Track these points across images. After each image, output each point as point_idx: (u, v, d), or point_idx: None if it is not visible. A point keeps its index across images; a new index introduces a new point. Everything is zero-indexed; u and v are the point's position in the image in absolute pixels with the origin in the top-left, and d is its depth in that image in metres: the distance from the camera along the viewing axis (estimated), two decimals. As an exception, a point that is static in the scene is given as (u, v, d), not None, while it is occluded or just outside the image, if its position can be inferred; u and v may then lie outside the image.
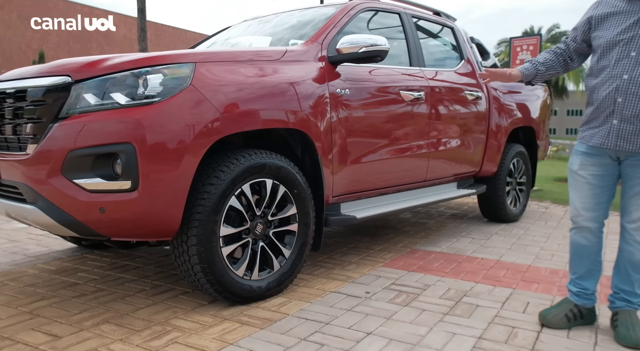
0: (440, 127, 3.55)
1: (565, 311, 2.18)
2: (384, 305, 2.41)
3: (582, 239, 2.20)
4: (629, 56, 1.98)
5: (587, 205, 2.16)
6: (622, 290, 2.12)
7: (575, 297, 2.21)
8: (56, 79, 2.10)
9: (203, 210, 2.15)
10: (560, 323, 2.16)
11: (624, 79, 1.99)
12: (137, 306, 2.35)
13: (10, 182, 2.16)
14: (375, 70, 3.06)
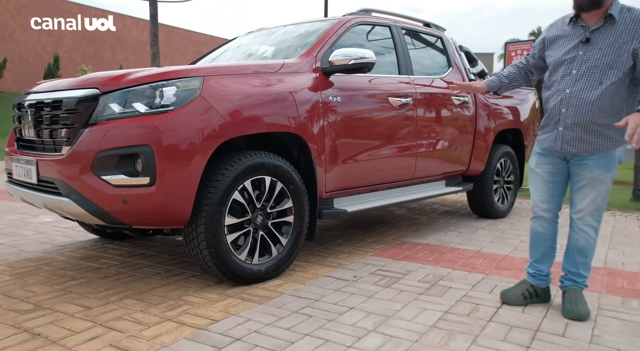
0: (427, 129, 3.89)
1: (522, 291, 2.51)
2: (368, 286, 2.76)
3: (539, 227, 2.53)
4: (571, 74, 2.31)
5: (542, 198, 2.50)
6: (569, 271, 2.44)
7: (532, 278, 2.54)
8: (87, 91, 2.48)
9: (210, 202, 2.51)
10: (517, 300, 2.49)
11: (566, 93, 2.32)
12: (153, 285, 2.72)
13: (47, 178, 2.55)
14: (365, 79, 3.40)
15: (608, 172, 2.33)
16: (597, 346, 2.03)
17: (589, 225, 2.38)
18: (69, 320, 2.23)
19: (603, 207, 2.38)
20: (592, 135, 2.30)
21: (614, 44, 2.22)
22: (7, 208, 5.19)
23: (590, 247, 2.40)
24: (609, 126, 2.27)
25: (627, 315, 2.38)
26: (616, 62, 2.21)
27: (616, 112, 2.27)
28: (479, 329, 2.19)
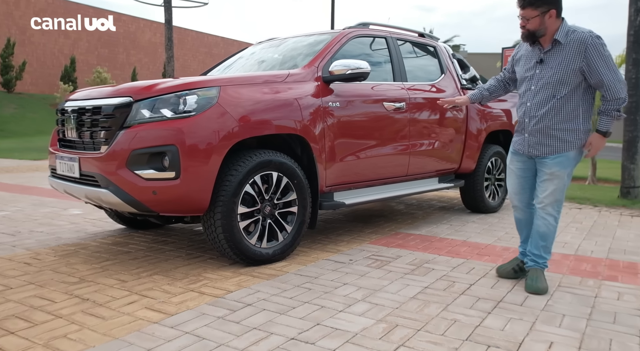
0: (419, 131, 4.30)
1: (513, 266, 2.96)
2: (361, 268, 3.18)
3: (518, 214, 2.99)
4: (531, 89, 2.75)
5: (514, 190, 2.94)
6: (532, 253, 2.84)
7: (521, 256, 2.98)
8: (122, 99, 2.93)
9: (225, 193, 2.95)
10: (508, 274, 2.95)
11: (527, 106, 2.77)
12: (177, 265, 3.17)
13: (88, 173, 3.00)
14: (361, 86, 3.82)
15: (564, 169, 2.73)
16: (547, 312, 2.44)
17: (549, 214, 2.78)
18: (109, 289, 2.68)
19: (561, 199, 2.78)
20: (550, 139, 2.72)
21: (562, 63, 2.63)
22: (38, 202, 5.69)
23: (550, 233, 2.80)
24: (564, 130, 2.68)
25: (581, 291, 2.78)
26: (565, 78, 2.63)
27: (570, 119, 2.68)
28: (451, 300, 2.61)
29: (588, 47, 2.55)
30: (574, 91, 2.64)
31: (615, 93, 2.57)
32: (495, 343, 2.08)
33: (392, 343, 2.06)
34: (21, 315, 2.31)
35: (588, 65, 2.57)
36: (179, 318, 2.29)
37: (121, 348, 1.98)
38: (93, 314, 2.34)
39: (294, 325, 2.24)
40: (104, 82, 27.06)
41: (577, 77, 2.61)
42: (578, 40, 2.58)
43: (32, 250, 3.51)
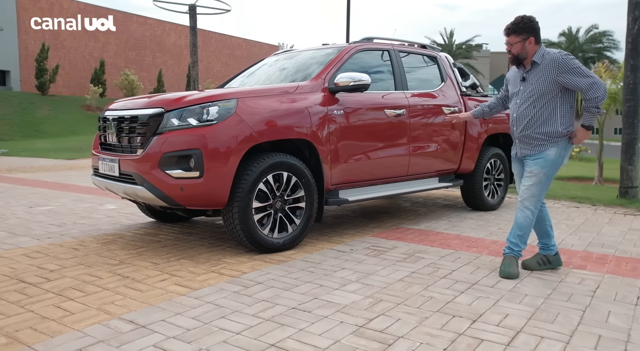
0: (419, 135, 4.72)
1: (537, 259, 3.36)
2: (360, 256, 3.64)
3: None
4: (516, 103, 3.25)
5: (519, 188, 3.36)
6: (510, 241, 3.25)
7: (541, 250, 3.38)
8: (155, 110, 3.46)
9: (242, 190, 3.45)
10: (533, 266, 3.33)
11: (514, 116, 3.26)
12: (200, 252, 3.69)
13: (126, 172, 3.54)
14: (365, 95, 4.27)
15: (542, 168, 3.15)
16: (512, 293, 2.86)
17: (527, 207, 3.19)
18: (145, 270, 3.21)
19: (538, 195, 3.18)
20: (531, 140, 3.19)
21: (539, 79, 3.12)
22: (77, 198, 6.32)
23: (527, 224, 3.20)
24: (542, 133, 3.14)
25: (549, 277, 3.18)
26: (543, 91, 3.11)
27: (548, 124, 3.13)
28: (432, 282, 3.05)
29: (560, 63, 3.05)
30: (550, 101, 3.11)
31: (591, 94, 3.03)
32: (459, 314, 2.52)
33: (374, 313, 2.52)
34: (77, 287, 2.85)
35: (564, 77, 3.03)
36: (202, 292, 2.80)
37: (157, 312, 2.49)
38: (133, 288, 2.86)
39: (296, 298, 2.72)
40: (131, 83, 28.07)
41: (553, 89, 3.09)
42: (551, 59, 3.07)
43: (77, 238, 4.09)
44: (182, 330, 2.27)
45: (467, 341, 2.19)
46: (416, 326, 2.36)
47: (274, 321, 2.39)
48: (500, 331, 2.31)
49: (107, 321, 2.37)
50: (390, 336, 2.23)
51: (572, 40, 40.71)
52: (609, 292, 2.90)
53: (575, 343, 2.20)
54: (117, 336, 2.20)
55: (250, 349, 2.10)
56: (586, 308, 2.63)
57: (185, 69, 33.30)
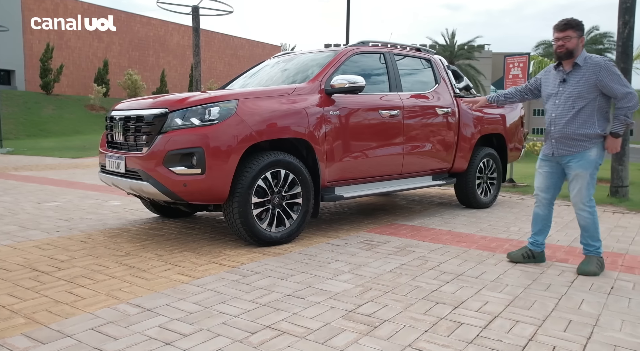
0: (413, 134, 4.91)
1: (522, 252, 3.52)
2: (353, 250, 3.83)
3: (538, 210, 3.53)
4: (555, 103, 3.38)
5: (541, 188, 3.52)
6: (583, 243, 3.37)
7: (530, 245, 3.53)
8: (160, 110, 3.65)
9: (242, 187, 3.64)
10: (517, 258, 3.50)
11: (552, 116, 3.38)
12: (202, 245, 3.88)
13: (132, 169, 3.74)
14: (360, 97, 4.45)
15: (586, 170, 3.26)
16: (494, 283, 3.04)
17: (582, 209, 3.31)
18: (150, 261, 3.41)
19: (588, 195, 3.29)
20: (571, 142, 3.30)
21: (580, 81, 3.26)
22: (83, 195, 6.52)
23: (589, 225, 3.31)
24: (581, 135, 3.26)
25: (532, 269, 3.37)
26: (582, 93, 3.25)
27: (587, 125, 3.26)
28: (420, 273, 3.23)
29: (602, 68, 3.19)
30: (589, 104, 3.24)
31: (624, 102, 3.20)
32: (443, 301, 2.71)
33: (364, 300, 2.71)
34: (86, 276, 3.05)
35: (603, 82, 3.18)
36: (203, 281, 2.99)
37: (161, 298, 2.68)
38: (139, 276, 3.06)
39: (291, 286, 2.91)
40: (134, 83, 28.32)
41: (592, 92, 3.22)
42: (594, 63, 3.21)
43: (85, 232, 4.29)
44: (184, 313, 2.47)
45: (447, 325, 2.38)
46: (401, 311, 2.55)
47: (270, 306, 2.58)
48: (479, 316, 2.50)
49: (116, 305, 2.56)
50: (376, 320, 2.42)
51: (573, 42, 40.65)
52: (586, 283, 3.08)
53: (547, 326, 2.38)
54: (125, 318, 2.39)
55: (247, 330, 2.29)
56: (562, 296, 2.82)
57: (188, 69, 33.54)
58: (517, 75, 8.01)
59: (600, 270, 3.28)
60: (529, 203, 6.34)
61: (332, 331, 2.28)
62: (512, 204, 6.28)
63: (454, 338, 2.22)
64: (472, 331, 2.30)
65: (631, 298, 2.81)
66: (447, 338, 2.23)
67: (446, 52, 43.79)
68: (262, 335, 2.24)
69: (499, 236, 4.39)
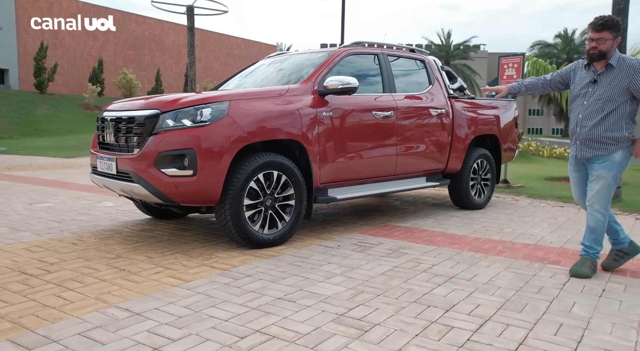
0: (406, 136, 4.90)
1: (612, 257, 3.42)
2: (347, 251, 3.81)
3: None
4: (583, 104, 3.31)
5: (577, 196, 3.52)
6: (584, 244, 3.35)
7: (614, 246, 3.44)
8: (151, 111, 3.63)
9: (234, 188, 3.61)
10: (612, 265, 3.40)
11: (579, 117, 3.33)
12: (194, 247, 3.86)
13: (124, 170, 3.71)
14: (353, 98, 4.44)
15: (609, 171, 3.23)
16: (487, 285, 3.03)
17: (597, 211, 3.27)
18: (140, 263, 3.38)
19: (606, 197, 3.24)
20: (596, 144, 3.26)
21: (612, 83, 3.18)
22: (76, 195, 6.48)
23: (598, 227, 3.28)
24: (608, 138, 3.22)
25: (524, 271, 3.36)
26: (613, 96, 3.19)
27: (614, 129, 3.21)
28: (412, 275, 3.22)
29: (635, 71, 3.11)
30: (619, 107, 3.19)
31: None
32: (434, 304, 2.69)
33: (355, 303, 2.69)
34: (76, 279, 3.02)
35: (635, 85, 3.11)
36: (194, 284, 2.97)
37: (151, 301, 2.66)
38: (129, 279, 3.03)
39: (282, 289, 2.89)
40: (129, 83, 28.21)
41: (624, 95, 3.16)
42: (628, 65, 3.13)
43: (76, 234, 4.25)
44: (174, 317, 2.44)
45: (437, 328, 2.37)
46: (392, 315, 2.53)
47: (261, 310, 2.56)
48: (470, 319, 2.49)
49: (105, 309, 2.54)
50: (367, 324, 2.41)
51: (567, 42, 40.97)
52: (578, 285, 3.08)
53: (538, 329, 2.37)
54: (114, 323, 2.37)
55: (237, 334, 2.27)
56: (554, 299, 2.81)
57: (183, 68, 33.43)
58: (512, 75, 8.02)
59: (592, 272, 3.27)
60: (523, 204, 6.34)
61: (322, 335, 2.27)
62: (506, 205, 6.29)
63: (444, 342, 2.21)
64: (463, 335, 2.29)
65: (622, 301, 2.81)
66: (438, 342, 2.22)
67: (442, 52, 43.90)
68: (252, 339, 2.22)
69: (492, 237, 4.38)
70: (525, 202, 6.52)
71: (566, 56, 40.03)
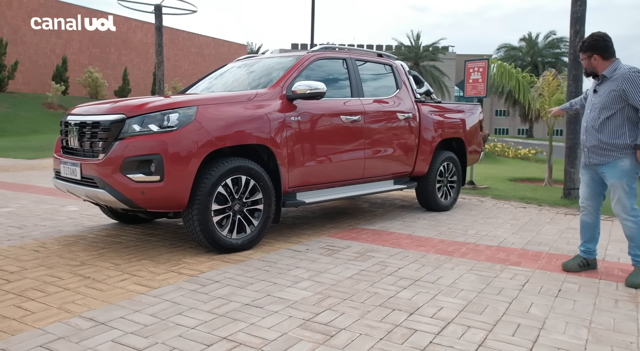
0: (374, 139, 4.97)
1: (577, 262, 3.55)
2: (315, 255, 3.85)
3: (585, 217, 3.58)
4: (587, 113, 3.49)
5: (585, 196, 3.59)
6: (632, 254, 3.35)
7: (583, 253, 3.57)
8: (117, 116, 3.58)
9: (201, 193, 3.60)
10: (574, 268, 3.52)
11: (584, 125, 3.49)
12: (161, 252, 3.83)
13: (88, 176, 3.64)
14: (321, 102, 4.48)
15: (619, 179, 3.31)
16: (450, 288, 3.12)
17: (626, 219, 3.33)
18: (106, 270, 3.33)
19: (630, 204, 3.28)
20: (600, 151, 3.37)
21: (606, 91, 3.33)
22: (38, 199, 6.30)
23: (635, 234, 3.28)
24: (609, 145, 3.32)
25: (486, 273, 3.47)
26: (608, 103, 3.32)
27: (616, 136, 3.31)
28: (379, 278, 3.29)
29: (626, 79, 3.23)
30: (616, 114, 3.29)
31: None
32: (399, 308, 2.76)
33: (322, 308, 2.73)
34: (37, 288, 2.96)
35: (626, 92, 3.23)
36: (161, 291, 2.95)
37: (116, 310, 2.63)
38: (94, 287, 2.99)
39: (250, 295, 2.91)
40: (95, 81, 27.49)
41: (618, 103, 3.27)
42: (620, 74, 3.27)
43: (38, 240, 4.15)
44: (140, 326, 2.43)
45: (401, 332, 2.43)
46: (358, 319, 2.59)
47: (228, 317, 2.57)
48: (433, 322, 2.57)
49: (68, 319, 2.50)
50: (333, 329, 2.45)
51: (532, 45, 42.19)
52: (536, 286, 3.20)
53: (497, 331, 2.47)
54: (77, 333, 2.34)
55: (203, 342, 2.27)
56: (513, 300, 2.92)
57: (151, 67, 32.78)
58: (477, 79, 8.22)
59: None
60: (488, 206, 6.52)
61: (289, 341, 2.30)
62: (472, 206, 6.45)
63: (408, 346, 2.28)
64: (426, 338, 2.36)
65: (576, 300, 2.94)
66: (401, 345, 2.28)
67: (411, 54, 44.52)
68: (219, 347, 2.23)
69: (457, 239, 4.50)
70: (490, 204, 6.71)
71: (530, 59, 41.24)
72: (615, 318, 2.68)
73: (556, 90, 9.11)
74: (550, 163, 9.22)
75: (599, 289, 3.18)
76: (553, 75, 9.15)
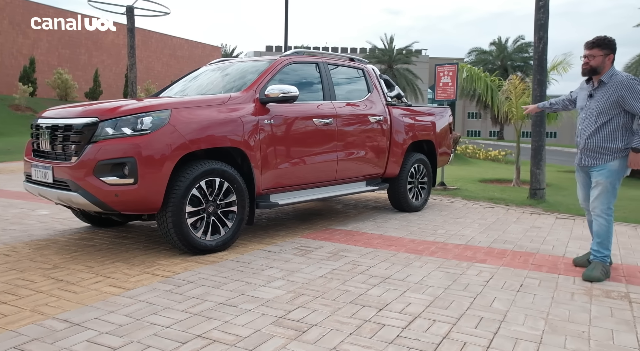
0: (346, 142, 5.09)
1: (587, 257, 3.65)
2: (288, 256, 3.93)
3: (589, 217, 3.74)
4: (582, 116, 3.60)
5: (582, 198, 3.75)
6: (593, 250, 3.53)
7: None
8: (90, 119, 3.59)
9: (175, 196, 3.64)
10: (584, 263, 3.64)
11: (579, 129, 3.62)
12: (135, 255, 3.84)
13: (61, 179, 3.64)
14: (294, 106, 4.57)
15: (607, 178, 3.46)
16: (418, 285, 3.25)
17: (599, 216, 3.49)
18: (79, 273, 3.34)
19: (607, 203, 3.46)
20: (594, 153, 3.52)
21: (603, 97, 3.45)
22: (7, 203, 6.20)
23: (603, 231, 3.47)
24: (603, 148, 3.47)
25: (453, 270, 3.61)
26: (604, 109, 3.44)
27: (610, 140, 3.45)
28: (350, 277, 3.39)
29: (624, 86, 3.36)
30: (612, 120, 3.43)
31: None
32: (369, 304, 2.87)
33: (294, 305, 2.82)
34: (9, 291, 2.95)
35: (624, 99, 3.36)
36: (135, 292, 2.98)
37: (90, 311, 2.66)
38: (67, 290, 3.00)
39: (224, 295, 2.97)
40: (64, 83, 26.90)
41: (615, 109, 3.41)
42: (618, 81, 3.40)
43: (8, 245, 4.11)
44: (114, 326, 2.47)
45: (370, 327, 2.54)
46: (329, 315, 2.68)
47: (202, 316, 2.63)
48: (401, 317, 2.68)
49: (42, 321, 2.52)
50: (305, 325, 2.54)
51: (501, 50, 43.22)
52: (499, 281, 3.36)
53: (461, 324, 2.60)
54: (52, 334, 2.36)
55: (178, 340, 2.33)
56: (477, 295, 3.07)
57: (124, 68, 32.25)
58: (447, 83, 8.45)
59: (605, 276, 3.46)
60: (457, 206, 6.72)
61: (262, 337, 2.38)
62: (442, 207, 6.63)
63: (376, 339, 2.38)
64: (393, 332, 2.47)
65: (536, 294, 3.11)
66: (370, 339, 2.39)
67: (385, 57, 45.01)
68: (193, 344, 2.29)
69: (426, 239, 4.65)
70: (460, 204, 6.91)
71: (500, 63, 42.26)
72: (571, 310, 2.84)
73: (522, 93, 9.42)
74: (518, 165, 9.52)
75: (557, 283, 3.35)
76: (519, 79, 9.46)
